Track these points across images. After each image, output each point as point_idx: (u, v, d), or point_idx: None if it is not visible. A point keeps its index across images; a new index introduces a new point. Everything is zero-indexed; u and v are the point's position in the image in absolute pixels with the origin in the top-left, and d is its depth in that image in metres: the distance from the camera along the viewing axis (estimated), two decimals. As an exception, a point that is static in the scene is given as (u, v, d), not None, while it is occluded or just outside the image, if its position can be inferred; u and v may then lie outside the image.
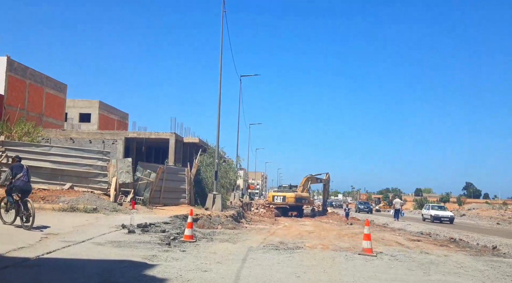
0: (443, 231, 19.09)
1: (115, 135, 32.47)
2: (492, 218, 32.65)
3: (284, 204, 33.14)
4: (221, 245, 10.01)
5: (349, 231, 19.18)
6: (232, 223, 17.48)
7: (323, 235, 16.09)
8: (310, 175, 37.20)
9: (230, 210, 20.86)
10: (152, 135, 31.59)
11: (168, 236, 10.16)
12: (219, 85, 19.68)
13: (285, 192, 33.70)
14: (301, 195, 34.08)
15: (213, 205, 18.92)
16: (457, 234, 17.44)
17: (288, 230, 17.65)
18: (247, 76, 35.73)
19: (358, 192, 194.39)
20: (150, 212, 16.55)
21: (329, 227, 21.84)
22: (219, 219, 17.29)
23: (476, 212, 41.32)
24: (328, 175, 40.29)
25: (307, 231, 17.60)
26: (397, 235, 17.59)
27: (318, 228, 19.86)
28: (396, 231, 20.28)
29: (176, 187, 19.03)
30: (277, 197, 33.35)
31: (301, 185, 35.74)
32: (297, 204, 33.18)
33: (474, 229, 22.41)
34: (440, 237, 17.09)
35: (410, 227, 22.73)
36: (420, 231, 19.95)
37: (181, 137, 32.28)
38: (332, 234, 16.69)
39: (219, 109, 19.50)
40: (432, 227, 22.49)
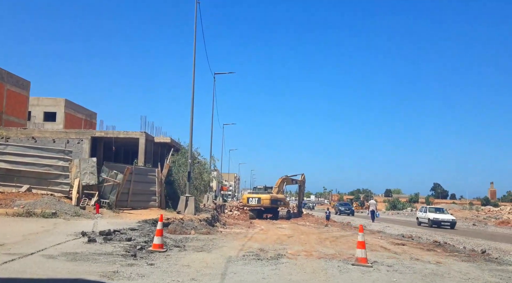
0: (425, 234, 18.56)
1: (80, 134, 30.56)
2: (468, 219, 32.75)
3: (259, 206, 32.13)
4: (195, 255, 8.87)
5: (329, 234, 18.37)
6: (206, 228, 16.33)
7: (303, 239, 15.18)
8: (286, 176, 36.36)
9: (203, 213, 19.69)
10: (120, 135, 29.90)
11: (134, 245, 8.93)
12: (193, 80, 18.54)
13: (260, 193, 32.68)
14: (277, 196, 33.17)
15: (186, 208, 17.70)
16: (440, 237, 16.88)
17: (266, 234, 16.65)
18: (221, 74, 34.56)
19: (330, 193, 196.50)
20: (116, 217, 15.17)
21: (307, 230, 20.98)
22: (192, 224, 16.09)
23: (457, 212, 41.65)
24: (303, 176, 39.57)
25: (286, 235, 16.65)
26: (379, 238, 16.89)
27: (296, 232, 18.96)
28: (376, 234, 19.63)
29: (146, 189, 17.69)
30: (251, 199, 32.27)
31: (277, 186, 34.83)
32: (273, 206, 32.23)
33: (452, 231, 22.09)
34: (423, 240, 16.49)
35: (389, 229, 22.19)
36: (401, 234, 19.37)
37: (151, 137, 30.75)
38: (312, 238, 15.80)
39: (192, 107, 18.33)
40: (412, 229, 22.00)
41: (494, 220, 29.34)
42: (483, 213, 37.24)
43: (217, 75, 34.56)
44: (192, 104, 18.22)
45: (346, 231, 21.24)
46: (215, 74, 33.83)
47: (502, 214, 32.67)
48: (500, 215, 32.30)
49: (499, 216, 31.30)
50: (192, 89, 18.28)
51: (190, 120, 18.18)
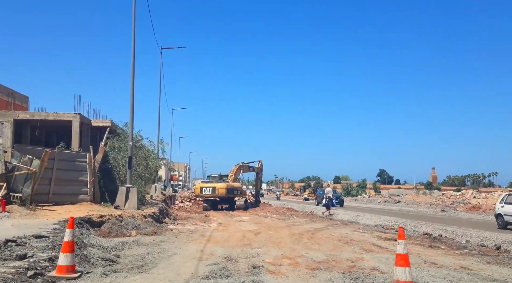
0: (406, 223, 16.33)
1: (0, 117, 25.79)
2: (433, 205, 31.62)
3: (214, 196, 28.99)
4: (129, 280, 5.63)
5: (300, 228, 15.67)
6: (152, 226, 12.99)
7: (274, 236, 12.31)
8: (242, 163, 33.40)
9: (150, 207, 16.28)
10: (49, 117, 25.42)
11: (28, 266, 5.51)
12: (133, 40, 14.88)
13: (214, 182, 29.50)
14: (233, 185, 30.16)
15: (127, 202, 14.21)
16: (428, 227, 14.65)
17: (227, 231, 13.61)
18: (169, 48, 30.74)
19: (282, 181, 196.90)
20: (30, 216, 11.44)
21: (273, 223, 18.21)
22: (134, 221, 12.69)
23: (410, 198, 40.76)
24: (260, 163, 36.82)
25: (251, 231, 13.71)
26: (359, 231, 14.39)
27: (261, 226, 16.09)
28: (351, 225, 17.23)
29: (74, 179, 13.98)
30: (205, 188, 29.03)
31: (232, 174, 31.79)
32: (229, 195, 29.22)
33: (426, 218, 20.18)
34: (410, 232, 14.16)
35: (362, 219, 19.93)
36: (378, 224, 17.07)
37: (88, 120, 26.51)
38: (284, 234, 12.98)
39: (132, 75, 14.71)
40: (385, 218, 19.86)
41: (463, 206, 28.28)
42: (445, 198, 36.59)
43: (165, 54, 30.72)
44: (133, 71, 14.62)
45: (314, 222, 18.70)
46: (162, 49, 29.99)
47: (467, 199, 31.92)
48: (465, 200, 31.44)
49: (466, 201, 30.39)
50: (133, 51, 14.65)
51: (131, 91, 14.62)
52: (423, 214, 25.63)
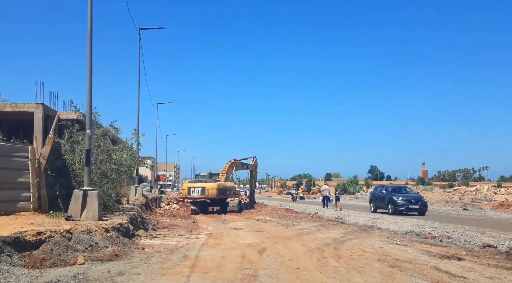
0: (446, 229, 12.91)
1: None
2: (449, 202, 28.36)
3: (204, 198, 25.42)
4: None
5: (312, 238, 12.19)
6: (116, 243, 9.37)
7: (286, 255, 8.80)
8: (235, 160, 29.79)
9: (119, 215, 12.64)
10: (6, 108, 21.63)
11: None
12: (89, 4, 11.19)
13: (204, 182, 25.90)
14: (225, 185, 26.58)
15: (84, 211, 10.55)
16: (482, 235, 11.22)
17: (220, 248, 10.05)
18: (148, 29, 26.92)
19: (273, 180, 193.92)
20: None
21: (275, 230, 14.69)
22: (90, 238, 9.04)
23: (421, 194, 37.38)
24: (255, 160, 33.25)
25: (253, 246, 10.19)
26: (398, 244, 10.93)
27: (263, 236, 12.56)
28: (373, 232, 13.79)
29: (9, 181, 10.32)
30: (194, 189, 25.39)
31: (224, 173, 28.19)
32: (221, 196, 25.65)
33: (457, 220, 16.81)
34: (464, 244, 10.72)
35: (380, 222, 16.48)
36: (409, 231, 13.63)
37: (54, 111, 22.73)
38: (298, 251, 9.48)
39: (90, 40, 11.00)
40: (409, 221, 16.46)
41: (487, 203, 25.03)
42: (459, 194, 33.48)
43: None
44: (90, 35, 10.91)
45: (326, 228, 15.25)
46: (140, 30, 26.17)
47: (487, 194, 28.80)
48: (485, 196, 28.25)
49: (489, 197, 27.19)
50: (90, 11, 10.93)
51: (88, 62, 10.90)
52: (445, 214, 22.32)
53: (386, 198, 21.80)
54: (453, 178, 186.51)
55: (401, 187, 25.27)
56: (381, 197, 22.67)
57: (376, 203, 23.32)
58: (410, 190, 24.10)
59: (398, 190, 23.18)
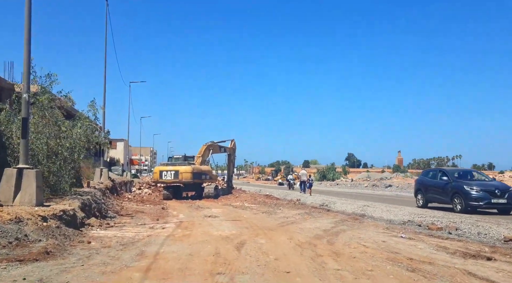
0: (450, 219, 11.31)
1: None
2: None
3: (177, 182, 23.37)
4: None
5: (299, 228, 10.40)
6: (54, 236, 7.30)
7: (270, 252, 6.94)
8: (212, 142, 27.74)
9: (69, 200, 10.52)
10: None
11: None
12: None
13: (178, 165, 23.82)
14: (201, 169, 24.56)
15: (18, 194, 8.42)
16: (499, 227, 9.63)
17: (188, 241, 8.11)
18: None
19: (251, 166, 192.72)
20: None
21: (255, 218, 12.85)
22: (18, 229, 6.95)
23: (398, 181, 36.36)
24: (233, 143, 31.30)
25: (229, 240, 8.29)
26: (403, 237, 9.21)
27: (242, 226, 10.68)
28: (367, 222, 12.11)
29: None
30: (166, 172, 23.30)
31: (200, 156, 26.15)
32: (195, 181, 23.64)
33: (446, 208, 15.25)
34: (478, 237, 9.10)
35: (371, 210, 14.84)
36: (407, 220, 12.00)
37: (10, 84, 20.12)
38: (285, 246, 7.64)
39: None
40: (404, 209, 14.88)
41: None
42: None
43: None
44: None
45: (312, 216, 13.51)
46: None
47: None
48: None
49: None
50: None
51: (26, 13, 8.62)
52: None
53: (449, 188, 15.32)
54: (427, 166, 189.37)
55: (469, 171, 17.65)
56: (439, 186, 16.06)
57: (430, 194, 16.69)
58: (483, 175, 17.37)
59: (468, 176, 16.47)
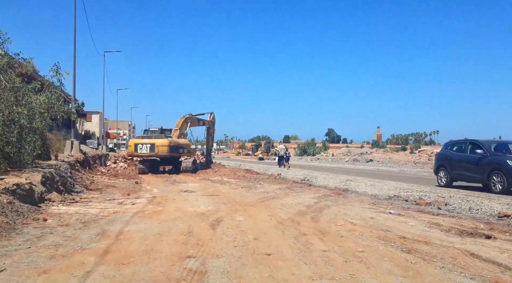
0: (435, 193, 10.84)
1: None
2: (418, 164, 26.98)
3: (154, 156, 22.42)
4: None
5: (280, 204, 9.74)
6: (2, 213, 6.41)
7: (250, 231, 6.23)
8: (190, 114, 26.67)
9: (27, 173, 9.55)
10: None
11: None
12: None
13: (154, 138, 22.80)
14: (178, 142, 23.61)
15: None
16: (491, 202, 9.17)
17: (158, 218, 7.33)
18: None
19: (232, 141, 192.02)
20: None
21: (234, 193, 12.15)
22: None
23: (380, 156, 36.25)
24: (212, 115, 30.26)
25: (204, 216, 7.55)
26: (392, 213, 8.64)
27: (219, 201, 9.95)
28: (351, 197, 11.56)
29: None
30: (142, 145, 22.29)
31: (177, 129, 25.12)
32: (172, 155, 22.74)
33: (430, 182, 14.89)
34: (471, 213, 8.62)
35: (355, 185, 14.34)
36: (393, 195, 11.49)
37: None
38: (265, 224, 6.95)
39: None
40: (387, 183, 14.41)
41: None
42: (427, 155, 32.35)
43: None
44: None
45: (293, 191, 12.90)
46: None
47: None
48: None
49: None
50: None
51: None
52: (419, 176, 20.70)
53: (485, 164, 12.08)
54: (405, 142, 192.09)
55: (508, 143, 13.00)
56: (470, 162, 12.74)
57: (456, 171, 13.41)
58: None
59: (508, 149, 12.36)
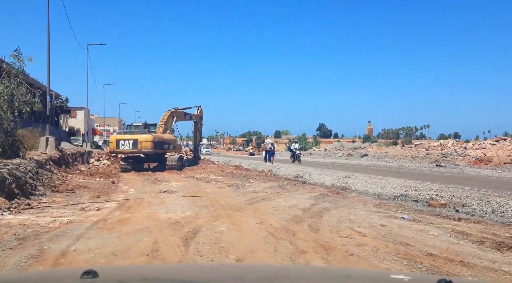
0: (443, 191, 9.56)
1: None
2: (416, 158, 25.80)
3: (136, 152, 20.93)
4: None
5: (271, 207, 8.39)
6: None
7: (234, 250, 4.85)
8: (176, 108, 25.15)
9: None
10: None
11: None
12: None
13: (137, 133, 21.29)
14: (163, 137, 22.11)
15: None
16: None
17: (121, 231, 5.91)
18: None
19: (222, 136, 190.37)
20: None
21: (220, 193, 10.77)
22: None
23: (375, 150, 35.06)
24: (200, 109, 28.76)
25: (179, 225, 6.16)
26: (406, 218, 7.33)
27: (201, 204, 8.56)
28: (353, 198, 10.24)
29: None
30: (124, 141, 20.77)
31: (163, 123, 23.60)
32: (157, 151, 21.26)
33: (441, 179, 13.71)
34: (493, 216, 7.34)
35: (354, 183, 13.05)
36: (399, 194, 10.19)
37: None
38: (258, 240, 5.56)
39: None
40: (388, 180, 13.14)
41: (461, 159, 22.55)
42: (424, 149, 31.22)
43: None
44: None
45: (286, 189, 11.56)
46: None
47: (454, 149, 26.57)
48: (454, 151, 25.97)
49: (461, 152, 24.79)
50: None
51: None
52: (419, 171, 19.50)
53: None
54: (397, 136, 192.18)
55: None
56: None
57: None
58: None
59: None
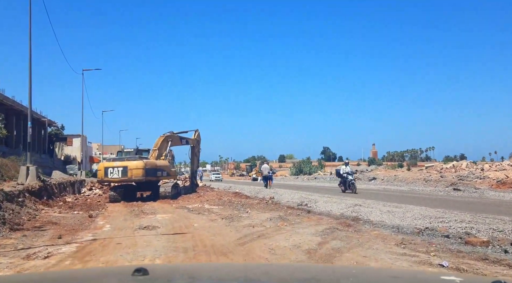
0: (479, 222, 7.82)
1: None
2: (429, 182, 23.99)
3: (126, 180, 19.34)
4: None
5: (267, 246, 6.66)
6: None
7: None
8: (171, 132, 23.66)
9: None
10: None
11: None
12: None
13: (127, 160, 19.75)
14: (155, 163, 20.51)
15: None
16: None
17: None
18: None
19: (227, 162, 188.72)
20: None
21: (208, 228, 9.06)
22: None
23: (383, 173, 33.28)
24: (197, 133, 27.26)
25: None
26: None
27: (181, 245, 6.85)
28: (368, 232, 8.52)
29: None
30: (112, 169, 19.22)
31: (156, 149, 22.05)
32: (149, 178, 19.63)
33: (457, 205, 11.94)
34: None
35: (367, 212, 11.30)
36: (423, 227, 8.45)
37: None
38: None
39: None
40: (406, 208, 11.40)
41: (480, 181, 20.83)
42: (436, 172, 29.50)
43: None
44: None
45: (288, 221, 9.84)
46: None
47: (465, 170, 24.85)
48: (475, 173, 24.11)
49: (479, 175, 23.00)
50: None
51: None
52: (435, 196, 17.71)
53: None
54: (401, 158, 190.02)
55: None
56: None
57: None
58: None
59: None
